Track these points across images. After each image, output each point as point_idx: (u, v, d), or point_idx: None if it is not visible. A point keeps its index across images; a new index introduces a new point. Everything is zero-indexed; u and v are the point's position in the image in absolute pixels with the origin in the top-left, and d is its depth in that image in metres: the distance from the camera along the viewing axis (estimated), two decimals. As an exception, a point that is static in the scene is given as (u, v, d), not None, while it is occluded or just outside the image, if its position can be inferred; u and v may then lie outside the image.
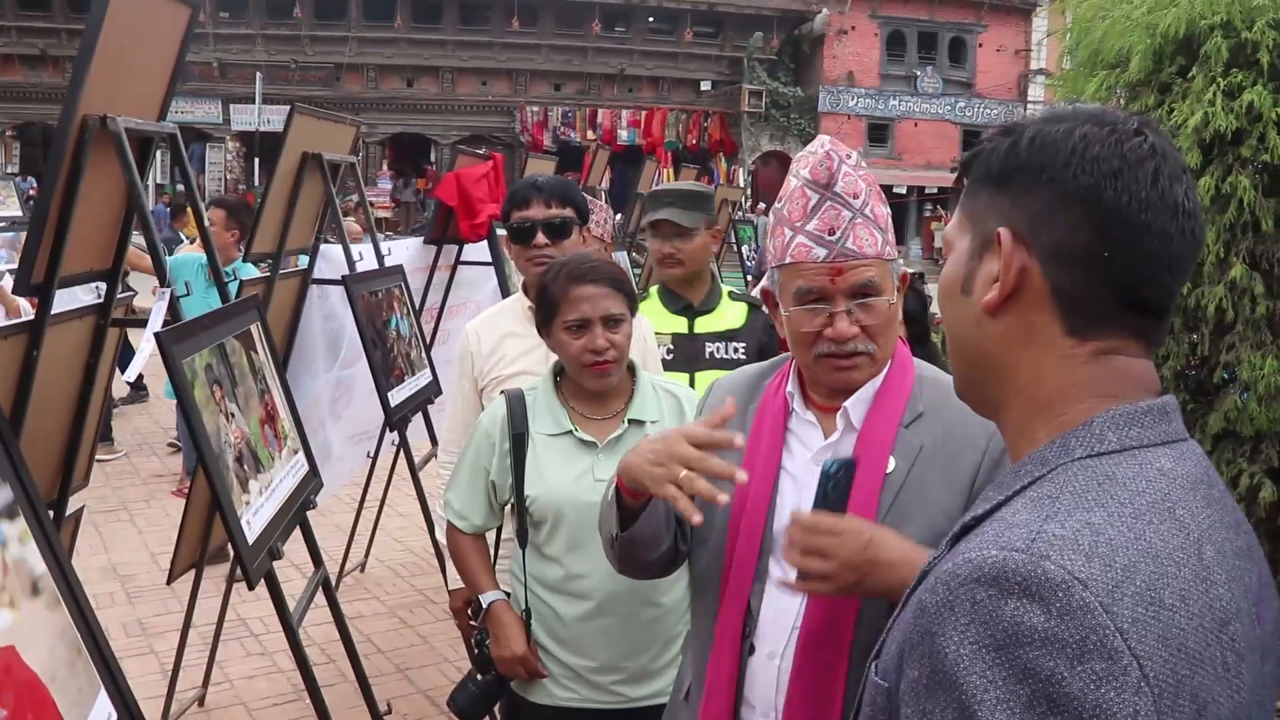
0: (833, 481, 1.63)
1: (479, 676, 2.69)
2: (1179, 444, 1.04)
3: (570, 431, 2.52)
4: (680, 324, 3.43)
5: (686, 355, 3.39)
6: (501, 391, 2.66)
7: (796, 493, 1.83)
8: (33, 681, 1.42)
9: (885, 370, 1.85)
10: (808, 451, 1.86)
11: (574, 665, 2.51)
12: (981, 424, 1.72)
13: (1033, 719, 0.86)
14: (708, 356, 3.41)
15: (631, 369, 2.63)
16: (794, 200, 1.81)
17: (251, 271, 5.40)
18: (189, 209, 12.69)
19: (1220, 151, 3.09)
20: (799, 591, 1.70)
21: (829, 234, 1.77)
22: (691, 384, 3.29)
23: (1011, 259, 1.05)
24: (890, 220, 1.86)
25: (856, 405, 1.83)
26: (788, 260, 1.81)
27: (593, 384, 2.53)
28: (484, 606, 2.60)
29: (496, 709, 3.39)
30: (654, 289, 3.59)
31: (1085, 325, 1.05)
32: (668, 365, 3.34)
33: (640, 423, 2.53)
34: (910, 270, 2.02)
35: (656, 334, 3.37)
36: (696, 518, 1.65)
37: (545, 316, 2.55)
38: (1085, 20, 3.56)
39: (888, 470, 1.77)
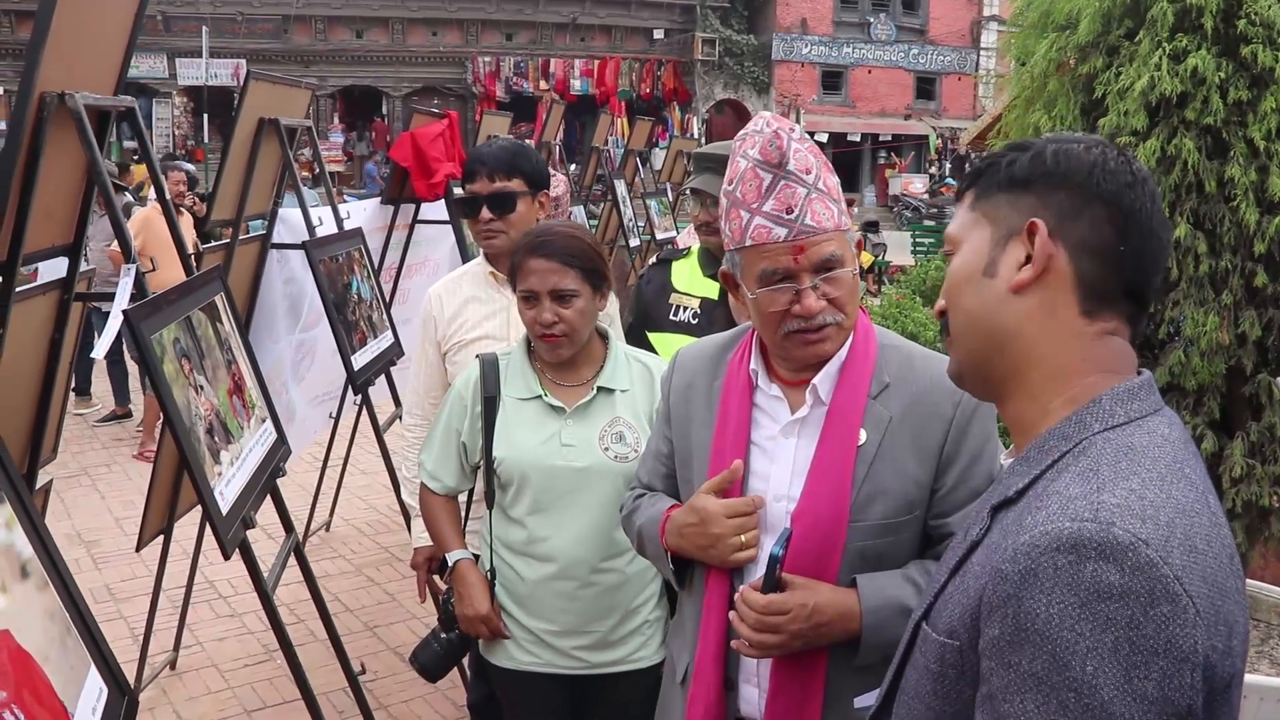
0: (780, 564, 1.74)
1: (443, 635, 2.76)
2: (1164, 411, 1.24)
3: (540, 396, 2.57)
4: (712, 289, 3.27)
5: (712, 321, 3.22)
6: (476, 355, 2.70)
7: (767, 464, 1.89)
8: (28, 663, 1.46)
9: (849, 342, 1.88)
10: (776, 425, 1.90)
11: (536, 629, 2.57)
12: (948, 392, 1.82)
13: (1118, 660, 1.02)
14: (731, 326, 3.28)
15: (604, 337, 2.67)
16: (746, 182, 1.81)
17: None
18: (132, 169, 12.43)
19: (1165, 114, 3.16)
20: (752, 656, 1.84)
21: (787, 213, 1.78)
22: None
23: (1045, 245, 1.23)
24: (840, 189, 1.88)
25: (824, 380, 1.86)
26: (748, 243, 1.82)
27: (547, 354, 2.58)
28: (450, 565, 2.67)
29: (466, 666, 3.47)
30: (696, 248, 3.44)
31: (1096, 308, 1.24)
32: (691, 329, 3.23)
33: (610, 390, 2.57)
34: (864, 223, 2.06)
35: (686, 294, 3.30)
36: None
37: (512, 282, 2.61)
38: (1035, -19, 3.61)
39: (860, 443, 1.82)
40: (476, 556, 2.70)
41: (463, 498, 2.86)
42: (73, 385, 7.38)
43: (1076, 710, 1.03)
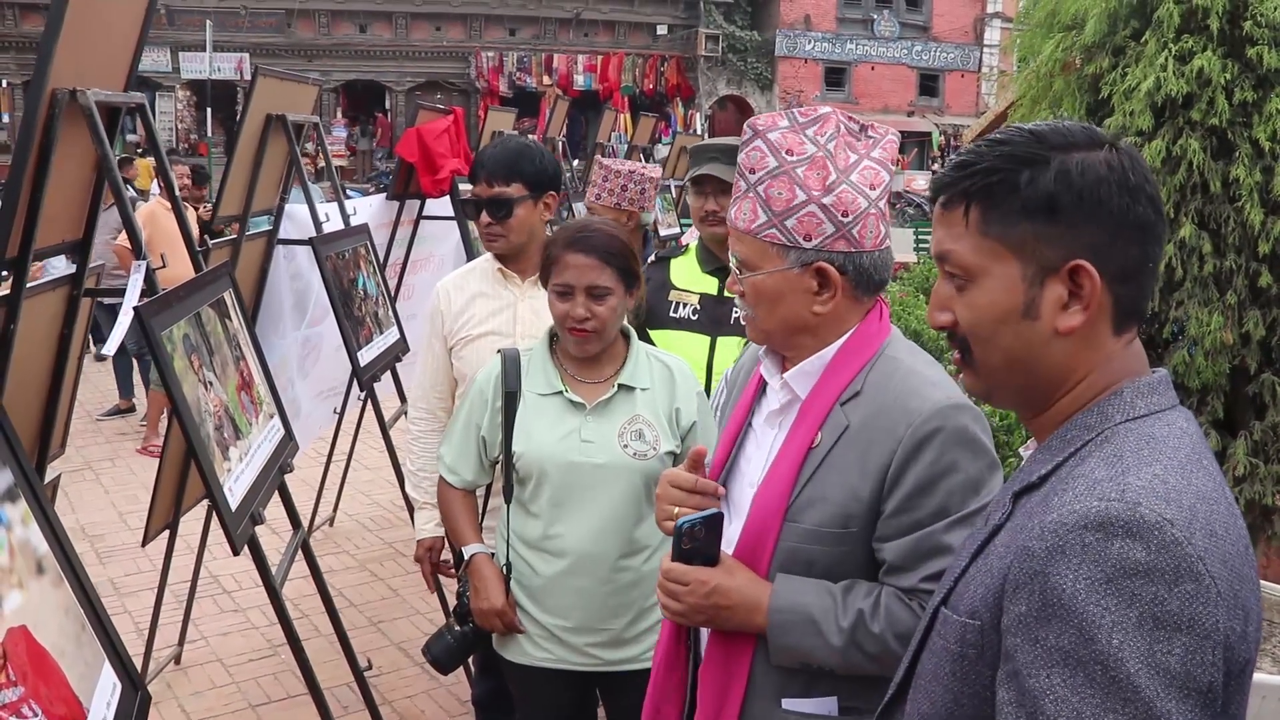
0: (685, 538, 1.78)
1: (456, 628, 2.76)
2: (1180, 408, 1.27)
3: (561, 392, 2.58)
4: (711, 284, 3.28)
5: (712, 317, 3.27)
6: (498, 350, 2.70)
7: (754, 450, 1.94)
8: (45, 658, 1.48)
9: (840, 343, 1.84)
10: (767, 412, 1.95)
11: (549, 625, 2.57)
12: (906, 413, 1.76)
13: (1143, 634, 1.04)
14: (733, 322, 3.21)
15: (626, 335, 2.68)
16: None
17: None
18: (134, 161, 12.42)
19: (1171, 115, 3.17)
20: (666, 616, 1.92)
21: (733, 199, 1.85)
22: (713, 348, 3.23)
23: (1095, 288, 1.21)
24: (796, 204, 1.76)
25: (799, 377, 1.86)
26: None
27: (574, 348, 2.59)
28: (466, 559, 2.67)
29: (471, 661, 3.48)
30: (693, 245, 3.44)
31: (1126, 323, 1.26)
32: (691, 326, 3.25)
33: (631, 388, 2.58)
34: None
35: (685, 291, 3.30)
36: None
37: (543, 275, 2.61)
38: (1042, -19, 3.62)
39: (814, 444, 1.80)
40: (493, 552, 2.70)
41: (480, 493, 2.86)
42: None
43: (1103, 683, 1.05)
